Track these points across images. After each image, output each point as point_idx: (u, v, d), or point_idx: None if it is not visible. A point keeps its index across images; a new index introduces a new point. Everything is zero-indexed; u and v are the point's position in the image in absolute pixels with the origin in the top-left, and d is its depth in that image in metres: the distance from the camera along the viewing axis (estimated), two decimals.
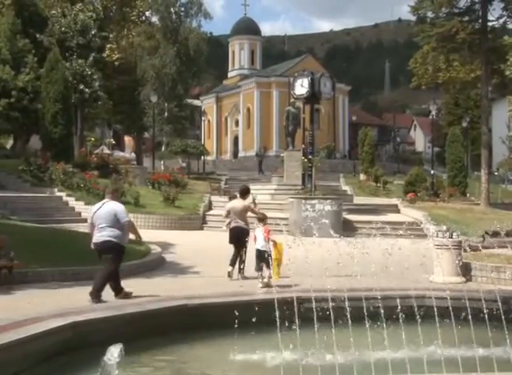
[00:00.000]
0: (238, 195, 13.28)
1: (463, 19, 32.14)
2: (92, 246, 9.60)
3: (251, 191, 13.89)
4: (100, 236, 9.46)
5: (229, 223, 12.49)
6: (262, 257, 10.79)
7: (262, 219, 11.71)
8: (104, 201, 9.90)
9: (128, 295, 9.55)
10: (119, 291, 9.60)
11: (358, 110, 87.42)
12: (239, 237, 12.08)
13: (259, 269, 10.88)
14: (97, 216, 9.57)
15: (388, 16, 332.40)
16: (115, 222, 9.46)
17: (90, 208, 10.02)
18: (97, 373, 4.64)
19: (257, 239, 11.19)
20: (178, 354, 7.47)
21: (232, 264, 12.12)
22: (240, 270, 12.07)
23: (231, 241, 12.40)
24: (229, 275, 11.95)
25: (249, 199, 13.25)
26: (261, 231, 11.27)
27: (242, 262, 12.11)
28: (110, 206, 9.66)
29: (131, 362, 6.57)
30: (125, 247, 9.71)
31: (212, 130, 73.74)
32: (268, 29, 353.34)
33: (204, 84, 73.15)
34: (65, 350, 6.69)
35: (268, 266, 10.72)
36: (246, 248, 11.98)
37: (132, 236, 10.15)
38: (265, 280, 10.69)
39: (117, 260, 9.60)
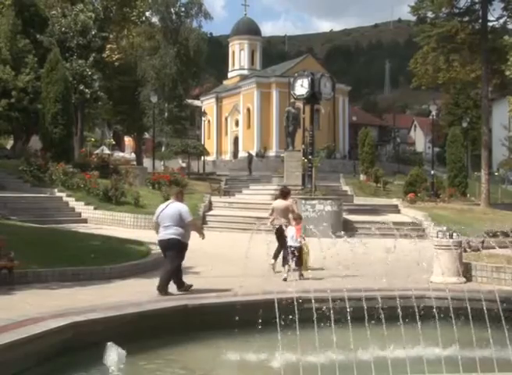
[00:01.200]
0: (280, 196, 14.28)
1: (463, 19, 32.18)
2: (157, 243, 10.56)
3: (251, 192, 15.06)
4: (165, 234, 10.29)
5: (273, 220, 13.49)
6: (292, 253, 11.51)
7: (296, 218, 12.80)
8: (170, 201, 10.72)
9: (188, 288, 10.28)
10: (181, 285, 10.31)
11: (358, 110, 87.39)
12: (281, 233, 12.88)
13: (285, 263, 11.92)
14: (163, 216, 10.40)
15: (388, 16, 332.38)
16: (180, 221, 10.21)
17: (156, 209, 10.96)
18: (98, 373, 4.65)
19: (288, 236, 12.16)
20: (178, 354, 7.47)
21: (275, 257, 12.96)
22: (274, 264, 12.91)
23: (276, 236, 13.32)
24: (273, 268, 12.79)
25: (289, 200, 14.06)
26: (294, 230, 12.29)
27: (278, 255, 13.02)
28: (175, 207, 10.45)
29: (131, 363, 6.58)
30: (187, 244, 10.40)
31: (212, 130, 73.74)
32: (268, 29, 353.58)
33: (204, 85, 73.24)
34: (66, 350, 6.69)
35: (297, 264, 11.73)
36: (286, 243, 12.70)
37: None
38: (285, 275, 11.66)
39: (180, 256, 10.32)
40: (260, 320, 7.30)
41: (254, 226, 13.89)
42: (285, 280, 11.48)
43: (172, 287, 10.18)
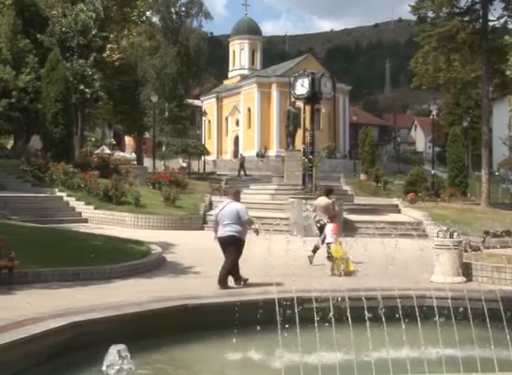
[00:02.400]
0: (323, 194, 15.66)
1: (463, 19, 32.16)
2: (217, 240, 11.26)
3: (251, 192, 16.01)
4: (224, 231, 11.07)
5: (315, 216, 14.96)
6: (328, 248, 12.98)
7: (333, 216, 14.21)
8: (228, 201, 11.57)
9: (245, 282, 10.99)
10: (238, 278, 11.01)
11: (359, 110, 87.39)
12: (321, 229, 14.21)
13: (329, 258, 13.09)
14: (222, 215, 11.22)
15: (388, 15, 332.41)
16: (237, 219, 11.05)
17: (216, 208, 11.87)
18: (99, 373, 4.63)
19: (326, 233, 13.53)
20: (178, 354, 7.47)
21: (315, 250, 13.98)
22: (311, 258, 13.88)
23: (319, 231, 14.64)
24: (310, 260, 13.72)
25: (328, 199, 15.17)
26: (330, 228, 13.55)
27: (317, 249, 14.07)
28: (233, 206, 11.32)
29: (131, 363, 6.57)
30: (244, 240, 11.11)
31: (213, 130, 73.71)
32: (269, 28, 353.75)
33: (204, 84, 73.29)
34: (66, 350, 6.68)
35: (329, 258, 12.97)
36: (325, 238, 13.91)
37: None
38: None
39: (238, 251, 10.96)
40: (261, 320, 7.30)
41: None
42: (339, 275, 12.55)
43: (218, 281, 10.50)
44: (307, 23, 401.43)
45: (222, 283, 10.73)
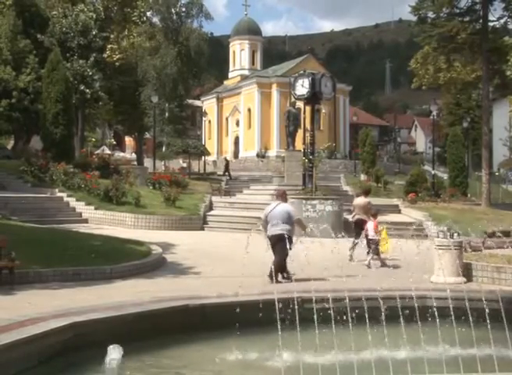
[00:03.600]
0: (361, 194, 16.84)
1: (463, 19, 32.13)
2: (267, 238, 11.90)
3: (252, 192, 16.27)
4: (274, 230, 11.77)
5: (354, 215, 15.86)
6: (373, 244, 13.88)
7: (374, 214, 15.03)
8: (277, 202, 12.32)
9: (290, 278, 11.56)
10: (286, 273, 11.72)
11: (359, 110, 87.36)
12: (359, 227, 15.15)
13: (368, 253, 14.09)
14: (272, 215, 11.98)
15: (389, 16, 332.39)
16: (287, 219, 11.90)
17: (265, 209, 12.52)
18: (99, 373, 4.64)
19: (368, 230, 14.37)
20: (179, 354, 7.46)
21: (352, 248, 14.75)
22: (352, 255, 14.70)
23: (355, 229, 15.71)
24: (350, 258, 14.51)
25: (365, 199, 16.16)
26: (372, 224, 14.51)
27: (355, 246, 14.87)
28: (283, 207, 12.19)
29: (131, 363, 6.58)
30: (292, 238, 11.72)
31: (213, 130, 73.73)
32: (270, 28, 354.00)
33: (204, 85, 73.24)
34: (66, 350, 6.68)
35: (375, 253, 14.05)
36: (361, 235, 14.79)
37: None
38: (366, 262, 13.89)
39: (287, 249, 11.24)
40: (264, 320, 7.31)
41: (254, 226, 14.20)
42: (368, 267, 13.71)
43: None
44: (308, 24, 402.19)
45: (273, 277, 11.21)
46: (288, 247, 11.18)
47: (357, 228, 15.60)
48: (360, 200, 16.12)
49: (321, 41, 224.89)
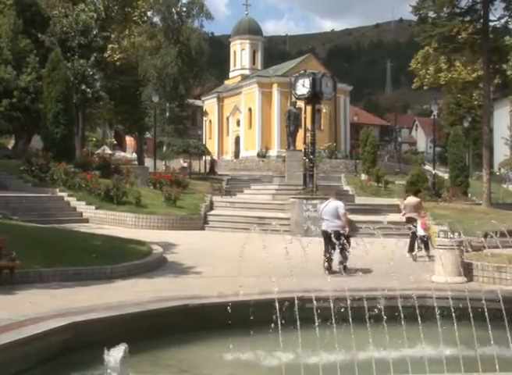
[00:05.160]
0: (412, 194, 18.06)
1: (464, 19, 32.08)
2: (321, 233, 13.61)
3: (252, 192, 16.02)
4: (327, 225, 13.51)
5: (404, 214, 16.90)
6: (421, 241, 14.98)
7: (423, 216, 16.31)
8: (329, 200, 13.98)
9: (330, 270, 12.65)
10: (330, 266, 12.79)
11: (360, 110, 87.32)
12: (410, 223, 15.91)
13: (419, 248, 15.22)
14: (324, 212, 13.70)
15: (389, 16, 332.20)
16: (337, 215, 13.51)
17: (320, 206, 14.36)
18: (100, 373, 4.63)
19: (417, 228, 15.43)
20: (179, 354, 7.46)
21: (411, 249, 15.55)
22: (410, 250, 15.54)
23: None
24: (414, 258, 15.18)
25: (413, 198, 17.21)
26: (420, 222, 15.64)
27: (413, 245, 15.57)
28: (334, 204, 13.79)
29: (132, 363, 6.57)
30: (343, 234, 13.01)
31: (214, 130, 73.71)
32: (271, 28, 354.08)
33: (205, 84, 73.10)
34: (66, 350, 6.68)
35: (426, 248, 15.11)
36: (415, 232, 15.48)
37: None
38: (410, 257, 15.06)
39: (338, 243, 12.34)
40: (259, 320, 7.30)
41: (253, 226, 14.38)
42: (414, 260, 14.81)
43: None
44: (309, 23, 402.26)
45: (328, 269, 12.62)
46: (339, 241, 12.30)
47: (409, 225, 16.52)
48: (411, 199, 17.19)
49: (322, 40, 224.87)
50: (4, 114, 32.85)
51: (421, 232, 15.32)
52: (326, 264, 12.77)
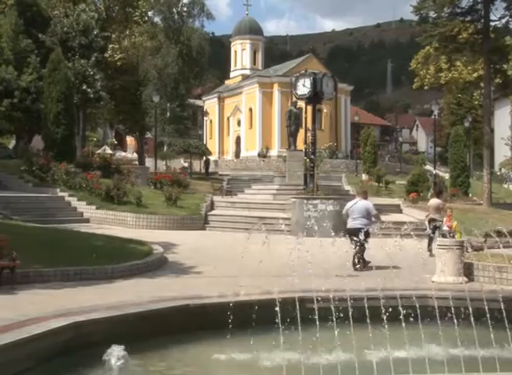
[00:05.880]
0: (434, 195, 18.70)
1: (465, 19, 32.07)
2: (346, 230, 13.78)
3: (253, 192, 16.51)
4: (353, 223, 13.85)
5: (428, 215, 17.28)
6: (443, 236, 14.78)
7: (447, 211, 16.73)
8: (357, 199, 14.51)
9: (366, 266, 13.10)
10: (364, 261, 13.28)
11: (360, 110, 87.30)
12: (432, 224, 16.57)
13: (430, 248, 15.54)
14: (353, 210, 14.07)
15: (390, 15, 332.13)
16: (366, 214, 13.94)
17: (347, 204, 14.76)
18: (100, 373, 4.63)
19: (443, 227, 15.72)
20: (179, 354, 7.46)
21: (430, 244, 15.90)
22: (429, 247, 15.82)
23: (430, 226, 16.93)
24: (430, 254, 15.23)
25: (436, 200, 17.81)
26: (445, 221, 15.93)
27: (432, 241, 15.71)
28: (363, 203, 14.26)
29: (132, 363, 6.57)
30: (369, 232, 13.33)
31: (214, 130, 73.69)
32: (272, 27, 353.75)
33: (206, 84, 73.18)
34: (67, 350, 6.68)
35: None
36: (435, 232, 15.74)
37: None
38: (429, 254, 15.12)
39: (363, 239, 12.84)
40: (259, 320, 7.30)
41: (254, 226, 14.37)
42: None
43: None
44: (310, 22, 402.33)
45: (356, 266, 13.17)
46: (366, 239, 12.91)
47: (430, 225, 16.93)
48: (433, 201, 17.77)
49: (323, 40, 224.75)
50: (5, 114, 32.86)
51: (444, 227, 15.72)
52: (355, 260, 13.36)
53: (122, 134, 66.92)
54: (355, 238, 13.02)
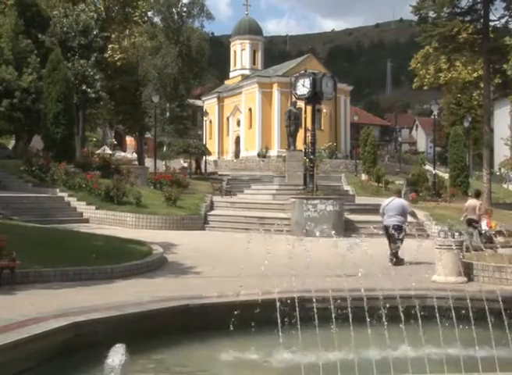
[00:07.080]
0: (473, 196, 18.97)
1: (464, 19, 32.14)
2: (383, 227, 14.76)
3: (253, 192, 16.97)
4: (390, 220, 14.62)
5: (465, 216, 17.60)
6: (484, 237, 15.63)
7: (487, 212, 18.02)
8: (392, 198, 15.25)
9: (402, 262, 13.76)
10: (398, 259, 13.87)
11: (360, 110, 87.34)
12: (471, 225, 16.89)
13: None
14: (389, 208, 14.83)
15: (390, 15, 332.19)
16: (401, 211, 14.74)
17: (383, 202, 15.59)
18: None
19: (482, 226, 16.66)
20: (179, 355, 7.46)
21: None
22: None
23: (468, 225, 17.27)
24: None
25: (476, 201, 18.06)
26: (485, 221, 17.06)
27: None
28: (398, 201, 15.09)
29: (132, 363, 6.57)
30: (405, 228, 13.94)
31: (214, 130, 73.70)
32: (273, 27, 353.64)
33: (205, 84, 73.11)
34: (67, 350, 6.68)
35: (491, 242, 14.95)
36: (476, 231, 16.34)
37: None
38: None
39: (401, 236, 13.28)
40: (259, 320, 7.30)
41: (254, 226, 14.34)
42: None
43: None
44: (310, 22, 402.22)
45: (393, 261, 13.74)
46: (402, 235, 13.24)
47: (468, 225, 17.29)
48: (472, 202, 18.05)
49: (322, 40, 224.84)
50: (4, 114, 32.83)
51: (484, 227, 16.50)
52: (390, 257, 13.92)
53: (121, 134, 66.91)
54: (393, 233, 13.56)
